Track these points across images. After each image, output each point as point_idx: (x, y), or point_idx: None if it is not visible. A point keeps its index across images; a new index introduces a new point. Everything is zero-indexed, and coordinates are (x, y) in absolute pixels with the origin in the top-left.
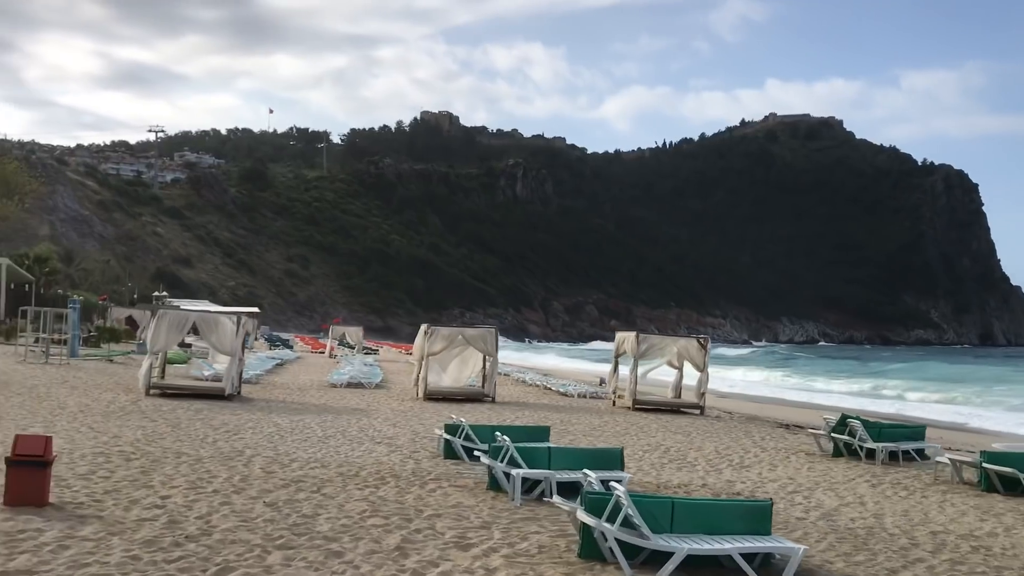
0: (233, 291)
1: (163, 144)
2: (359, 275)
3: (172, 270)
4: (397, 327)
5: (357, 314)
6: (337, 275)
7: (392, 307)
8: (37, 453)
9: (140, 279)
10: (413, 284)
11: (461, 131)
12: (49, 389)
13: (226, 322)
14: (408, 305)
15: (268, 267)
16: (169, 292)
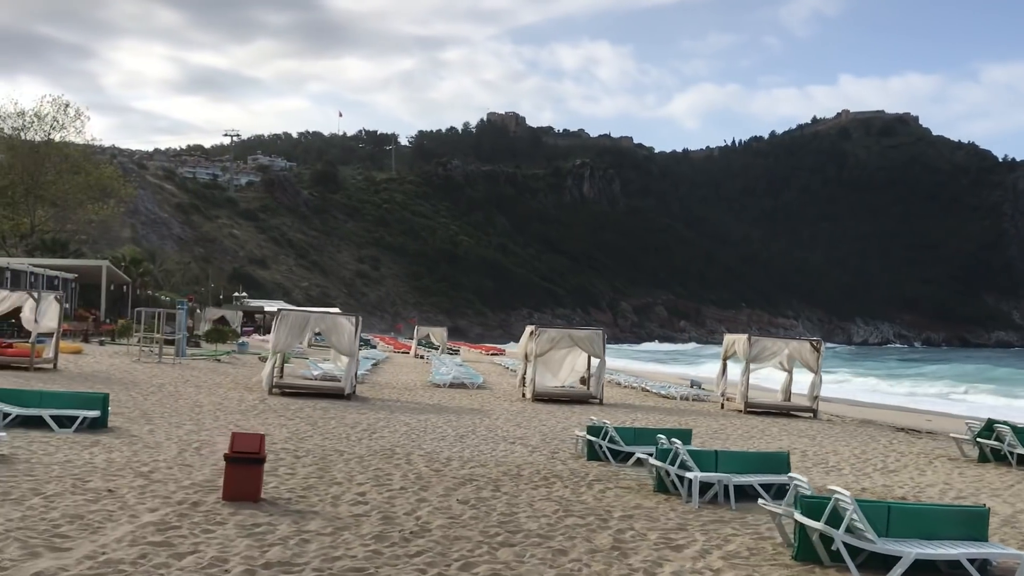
0: (307, 291)
1: (237, 148)
2: (428, 276)
3: (248, 271)
4: (466, 327)
5: (427, 314)
6: (407, 275)
7: (461, 307)
8: (253, 450)
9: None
10: (482, 285)
11: (527, 132)
12: (176, 388)
13: (345, 323)
14: (477, 305)
15: (340, 268)
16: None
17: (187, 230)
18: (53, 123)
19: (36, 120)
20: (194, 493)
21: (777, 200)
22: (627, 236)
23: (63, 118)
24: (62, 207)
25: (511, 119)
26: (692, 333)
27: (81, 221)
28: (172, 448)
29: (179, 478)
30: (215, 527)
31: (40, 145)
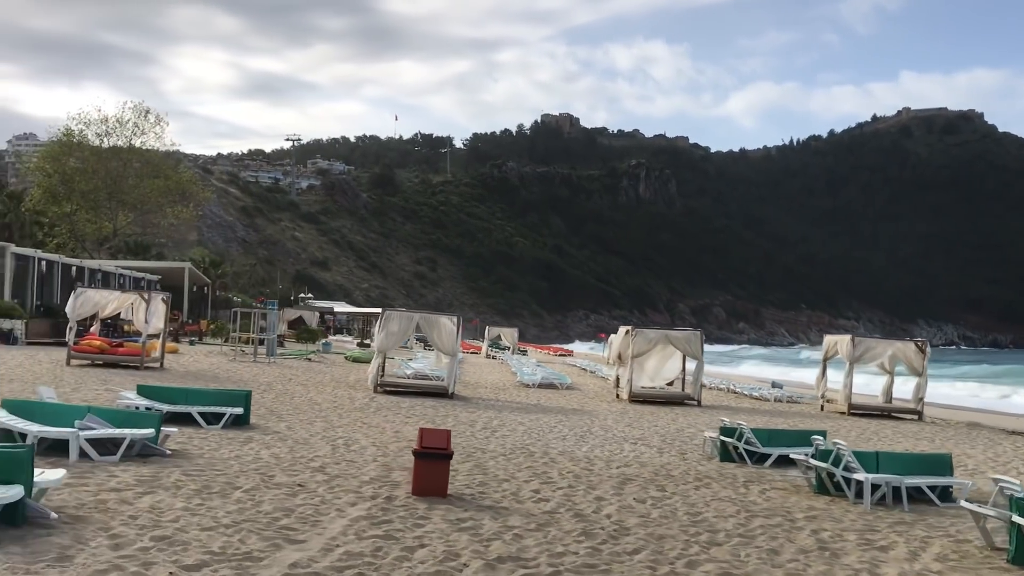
0: (367, 293)
1: (296, 152)
2: (484, 277)
3: (310, 273)
4: (523, 329)
5: (484, 315)
6: (464, 277)
7: (517, 308)
8: (441, 446)
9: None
10: (538, 286)
11: (582, 133)
12: (284, 387)
13: (447, 323)
14: (533, 307)
15: (398, 269)
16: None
17: (251, 233)
18: (134, 129)
19: (118, 126)
20: (379, 488)
21: (836, 200)
22: (684, 237)
23: (144, 124)
24: (142, 211)
25: (565, 120)
26: (751, 335)
27: (161, 224)
28: (323, 445)
29: (354, 473)
30: (422, 521)
31: (122, 150)
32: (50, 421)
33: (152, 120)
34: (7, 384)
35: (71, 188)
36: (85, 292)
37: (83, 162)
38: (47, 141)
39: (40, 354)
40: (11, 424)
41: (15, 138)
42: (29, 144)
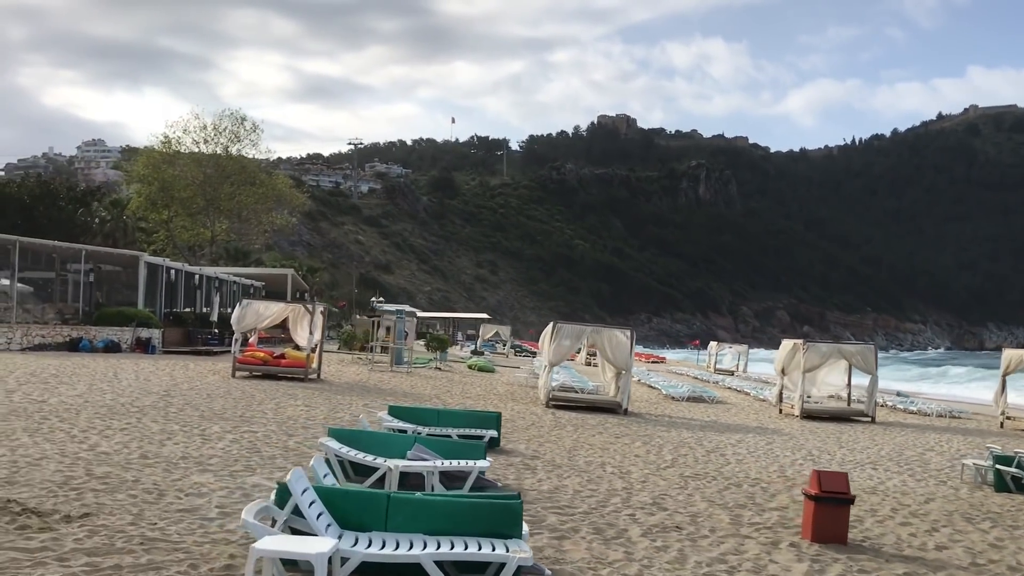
0: (429, 296)
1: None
2: (545, 280)
3: (374, 276)
4: None
5: (545, 318)
6: (524, 280)
7: (579, 312)
8: (841, 490)
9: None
10: (599, 289)
11: (639, 134)
12: (456, 400)
13: (621, 337)
14: (595, 310)
15: (459, 272)
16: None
17: (316, 236)
18: (231, 136)
19: (216, 134)
20: (758, 530)
21: (901, 200)
22: (745, 238)
23: (241, 131)
24: (239, 218)
25: (622, 121)
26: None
27: (257, 231)
28: (605, 473)
29: (705, 512)
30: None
31: (220, 158)
32: (380, 451)
33: (248, 127)
34: (220, 401)
35: (170, 196)
36: (251, 304)
37: (181, 169)
38: (145, 148)
39: (192, 364)
40: (358, 458)
41: (84, 144)
42: (98, 150)
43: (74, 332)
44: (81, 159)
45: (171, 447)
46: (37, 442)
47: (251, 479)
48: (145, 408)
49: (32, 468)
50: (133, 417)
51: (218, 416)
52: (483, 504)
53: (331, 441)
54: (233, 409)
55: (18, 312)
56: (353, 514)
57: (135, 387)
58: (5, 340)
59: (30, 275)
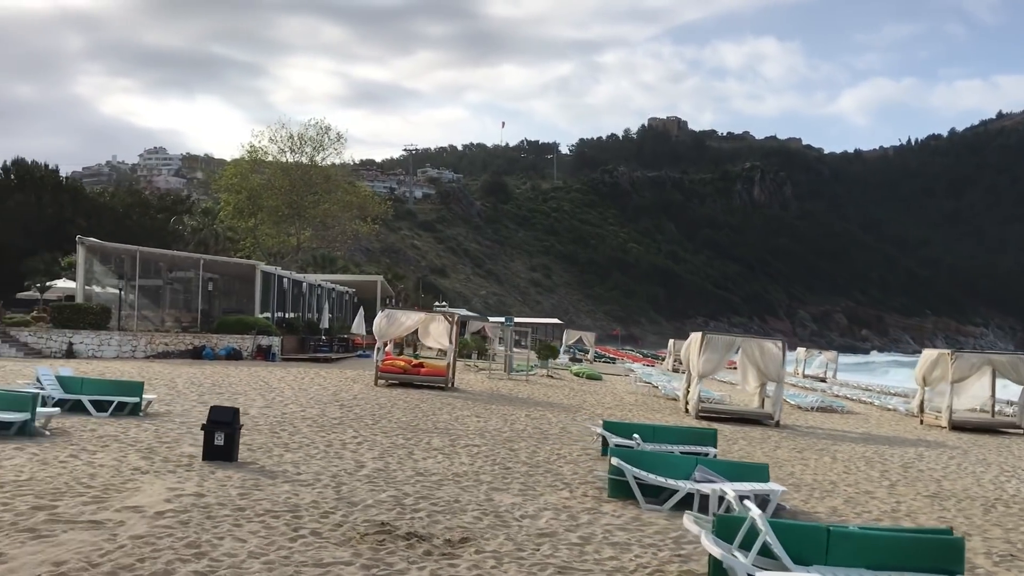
0: (484, 300)
1: (405, 161)
2: (600, 284)
3: (431, 280)
4: (641, 336)
5: (600, 323)
6: (579, 284)
7: (634, 315)
8: None
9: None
10: (654, 292)
11: (690, 136)
12: (608, 411)
13: (772, 348)
14: (651, 314)
15: (514, 276)
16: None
17: (374, 242)
18: (316, 146)
19: (301, 143)
20: None
21: (960, 201)
22: (801, 241)
23: (324, 140)
24: (323, 225)
25: (673, 123)
26: (875, 342)
27: (340, 238)
28: (851, 492)
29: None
30: None
31: (304, 166)
32: (664, 471)
33: (333, 137)
34: (398, 413)
35: (256, 204)
36: (392, 313)
37: (268, 178)
38: (233, 158)
39: (323, 372)
40: (658, 480)
41: (146, 152)
42: (159, 158)
43: (196, 340)
44: (143, 167)
45: (426, 463)
46: (311, 457)
47: (546, 498)
48: (345, 420)
49: (337, 484)
50: (348, 430)
51: (418, 428)
52: (926, 539)
53: (625, 464)
54: (423, 421)
55: (138, 319)
56: (793, 547)
57: (302, 397)
58: (130, 348)
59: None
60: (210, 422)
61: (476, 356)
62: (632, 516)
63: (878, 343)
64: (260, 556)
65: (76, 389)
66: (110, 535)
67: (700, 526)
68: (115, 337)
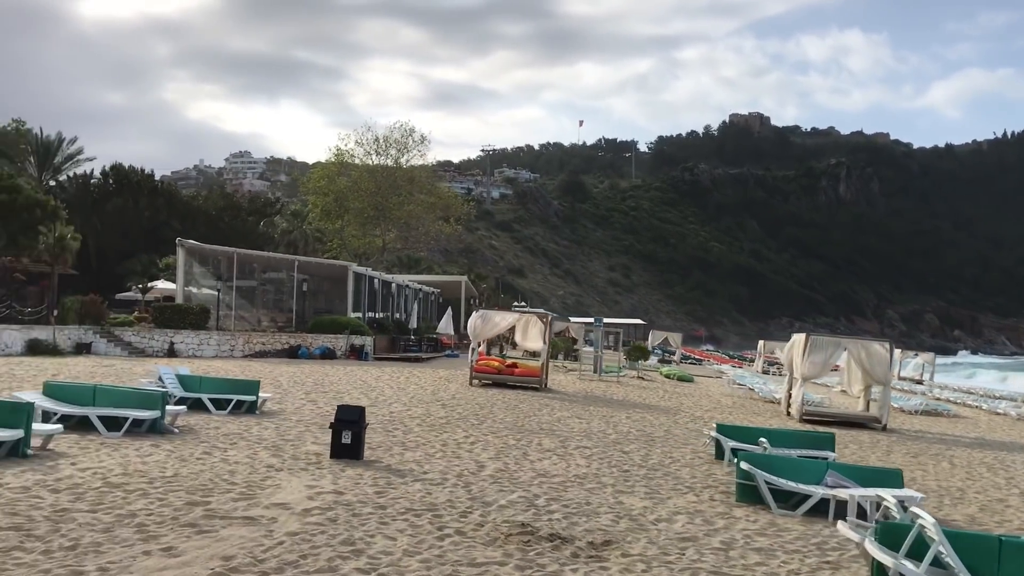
0: (562, 300)
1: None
2: (680, 283)
3: (508, 280)
4: (723, 336)
5: (680, 323)
6: (659, 284)
7: (716, 316)
8: None
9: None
10: (736, 292)
11: (772, 132)
12: (693, 412)
13: (880, 350)
14: (733, 314)
15: (592, 276)
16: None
17: (452, 241)
18: (401, 148)
19: (386, 145)
20: None
21: None
22: (890, 239)
23: (409, 142)
24: (407, 226)
25: (755, 119)
26: (968, 343)
27: (424, 239)
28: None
29: None
30: None
31: (390, 169)
32: (793, 476)
33: (417, 139)
34: (499, 413)
35: (343, 206)
36: (486, 313)
37: (355, 181)
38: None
39: (416, 372)
40: (788, 485)
41: (231, 156)
42: (244, 162)
43: (292, 340)
44: (229, 170)
45: (543, 464)
46: (431, 456)
47: (674, 502)
48: (451, 420)
49: (466, 484)
50: (456, 430)
51: (523, 429)
52: None
53: (757, 471)
54: (525, 422)
55: (235, 319)
56: (963, 558)
57: (403, 397)
58: (228, 347)
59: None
60: (337, 421)
61: (563, 357)
62: (767, 521)
63: (971, 344)
64: (415, 555)
65: (195, 388)
66: (266, 531)
67: (859, 533)
68: (214, 337)
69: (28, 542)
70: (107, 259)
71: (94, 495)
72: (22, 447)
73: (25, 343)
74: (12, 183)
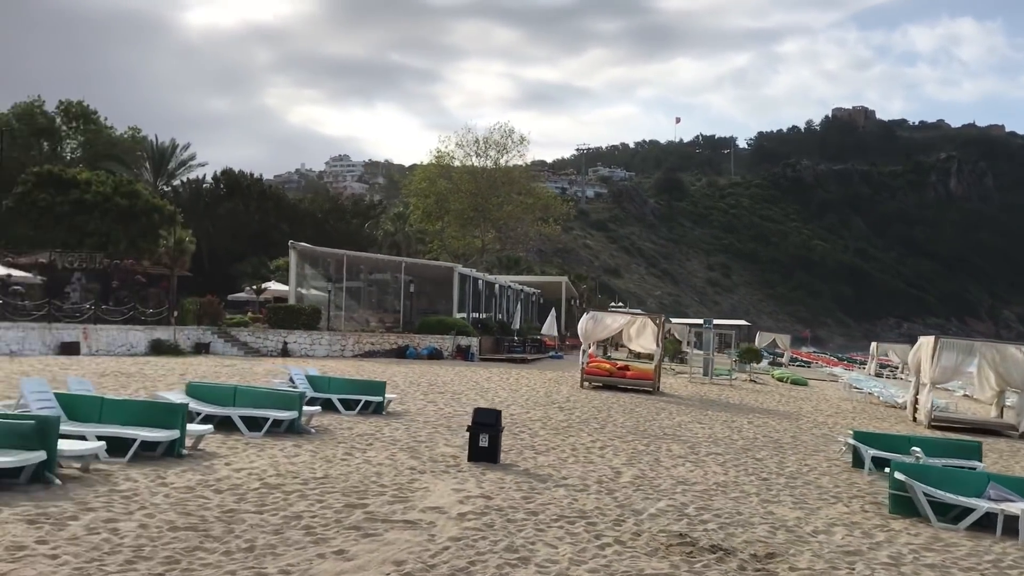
0: (659, 300)
1: (576, 160)
2: (782, 283)
3: (604, 280)
4: (827, 337)
5: (783, 323)
6: (760, 283)
7: (820, 316)
8: None
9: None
10: (841, 292)
11: (878, 126)
12: (816, 418)
13: (1015, 352)
14: (837, 314)
15: (690, 276)
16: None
17: (545, 242)
18: (501, 149)
19: (486, 147)
20: None
21: None
22: (1005, 236)
23: (509, 144)
24: (507, 227)
25: (859, 113)
26: None
27: (523, 240)
28: None
29: None
30: None
31: (491, 170)
32: (952, 488)
33: (517, 140)
34: (619, 418)
35: (443, 207)
36: (597, 314)
37: (455, 182)
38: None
39: (523, 373)
40: (951, 499)
41: (331, 160)
42: (343, 165)
43: (400, 340)
44: (329, 173)
45: (678, 471)
46: (563, 461)
47: (825, 512)
48: (572, 424)
49: (608, 491)
50: (580, 433)
51: (647, 434)
52: None
53: (915, 482)
54: (647, 426)
55: (345, 320)
56: None
57: (519, 398)
58: (339, 347)
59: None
60: (474, 424)
61: (669, 359)
62: (930, 535)
63: None
64: (580, 564)
65: (324, 388)
66: (428, 535)
67: None
68: (325, 337)
69: (207, 543)
70: (219, 261)
71: (255, 496)
72: (177, 447)
73: (149, 343)
74: (132, 189)
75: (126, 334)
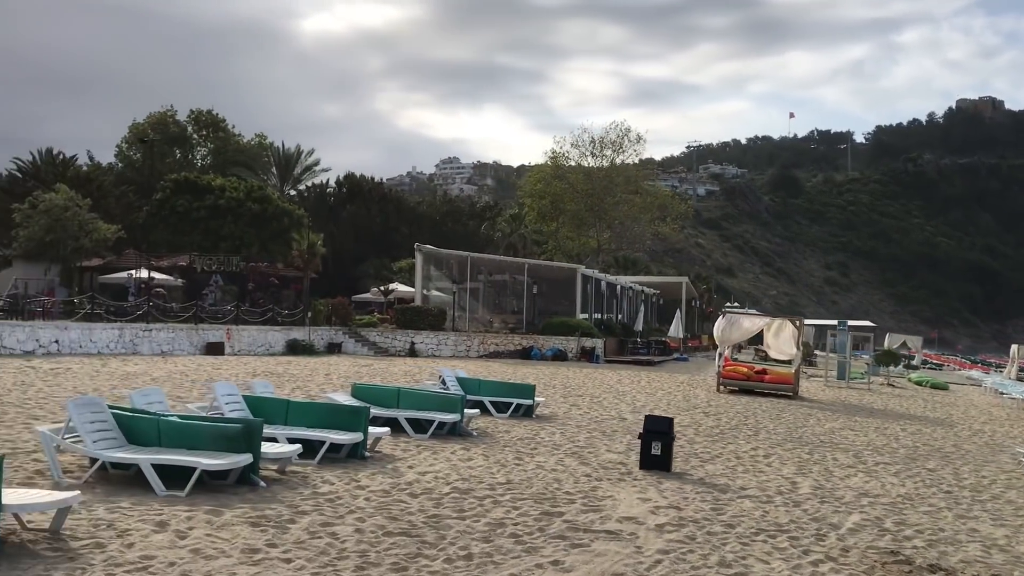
0: (775, 300)
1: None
2: (904, 282)
3: (717, 280)
4: (952, 339)
5: (905, 324)
6: (880, 282)
7: (946, 317)
8: None
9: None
10: (968, 291)
11: (1008, 117)
12: (970, 424)
13: None
14: (964, 314)
15: (807, 275)
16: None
17: (656, 241)
18: (616, 148)
19: (601, 146)
20: None
21: None
22: None
23: (625, 143)
24: (622, 227)
25: (986, 104)
26: None
27: (638, 239)
28: None
29: None
30: None
31: (607, 169)
32: None
33: (633, 138)
34: (768, 423)
35: (558, 208)
36: (733, 316)
37: (570, 184)
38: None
39: (653, 376)
40: None
41: (441, 162)
42: (452, 167)
43: (524, 341)
44: (439, 176)
45: (853, 481)
46: (732, 469)
47: None
48: (724, 430)
49: (795, 503)
50: (737, 440)
51: (803, 441)
52: None
53: None
54: (800, 433)
55: (468, 321)
56: None
57: (659, 403)
58: (464, 347)
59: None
60: (646, 431)
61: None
62: None
63: None
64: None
65: (475, 390)
66: (635, 548)
67: None
68: (451, 337)
69: (425, 549)
70: (343, 263)
71: (451, 501)
72: (360, 449)
73: (286, 343)
74: (263, 194)
75: (265, 334)
